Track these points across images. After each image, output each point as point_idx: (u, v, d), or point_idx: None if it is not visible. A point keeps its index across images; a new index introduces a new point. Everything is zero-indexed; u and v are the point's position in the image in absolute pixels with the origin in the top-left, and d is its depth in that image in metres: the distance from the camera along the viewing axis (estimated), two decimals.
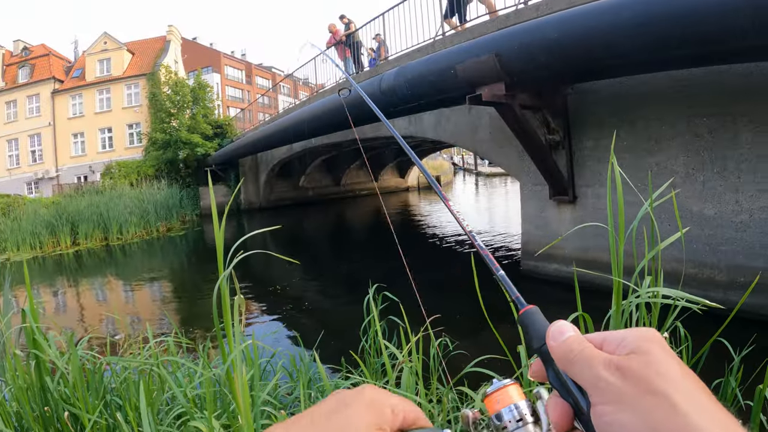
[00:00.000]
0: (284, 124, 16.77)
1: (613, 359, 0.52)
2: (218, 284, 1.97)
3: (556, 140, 9.21)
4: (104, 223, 21.89)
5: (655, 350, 0.51)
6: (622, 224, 2.06)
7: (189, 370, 3.41)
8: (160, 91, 33.25)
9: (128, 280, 13.94)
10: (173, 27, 42.17)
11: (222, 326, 2.11)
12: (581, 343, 0.56)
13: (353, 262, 14.16)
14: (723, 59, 6.73)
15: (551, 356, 0.58)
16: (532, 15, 8.99)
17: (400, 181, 40.45)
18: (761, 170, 7.12)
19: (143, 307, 10.94)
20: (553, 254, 9.65)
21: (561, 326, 0.59)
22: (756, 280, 2.55)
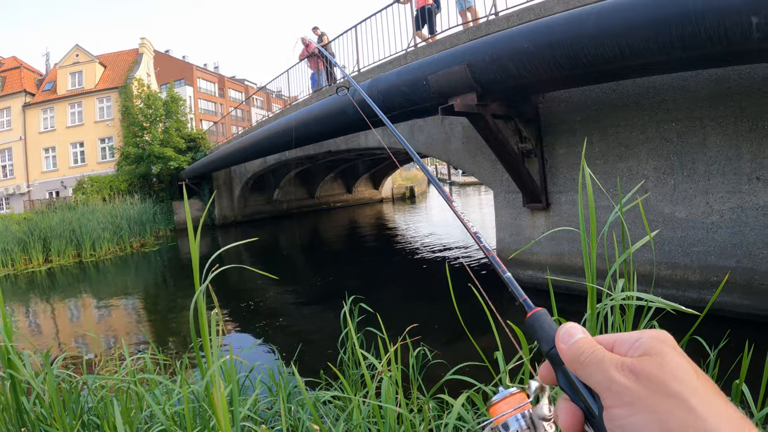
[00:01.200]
0: (258, 136, 16.72)
1: (626, 361, 0.51)
2: (195, 298, 1.97)
3: (528, 148, 9.28)
4: (77, 240, 21.53)
5: (668, 352, 0.51)
6: (593, 228, 2.09)
7: (167, 387, 3.39)
8: (132, 105, 32.85)
9: (103, 297, 13.77)
10: (146, 39, 41.84)
11: (200, 341, 2.10)
12: (592, 345, 0.56)
13: (329, 274, 14.11)
14: (681, 67, 6.91)
15: (561, 359, 0.58)
16: (503, 26, 9.11)
17: (374, 192, 40.49)
18: (730, 172, 7.28)
19: (119, 325, 10.81)
20: (529, 260, 9.72)
21: (571, 328, 0.59)
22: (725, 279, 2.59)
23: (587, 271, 2.10)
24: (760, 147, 7.04)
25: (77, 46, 38.68)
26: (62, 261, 20.65)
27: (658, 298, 2.01)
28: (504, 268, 0.80)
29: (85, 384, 3.55)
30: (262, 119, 26.65)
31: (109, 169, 34.04)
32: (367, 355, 2.80)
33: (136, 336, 9.44)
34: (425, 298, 9.99)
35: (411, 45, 13.01)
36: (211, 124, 47.62)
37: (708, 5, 5.30)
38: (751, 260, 7.17)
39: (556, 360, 0.59)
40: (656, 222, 8.00)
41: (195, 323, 2.03)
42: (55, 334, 10.41)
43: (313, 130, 11.77)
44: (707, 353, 2.86)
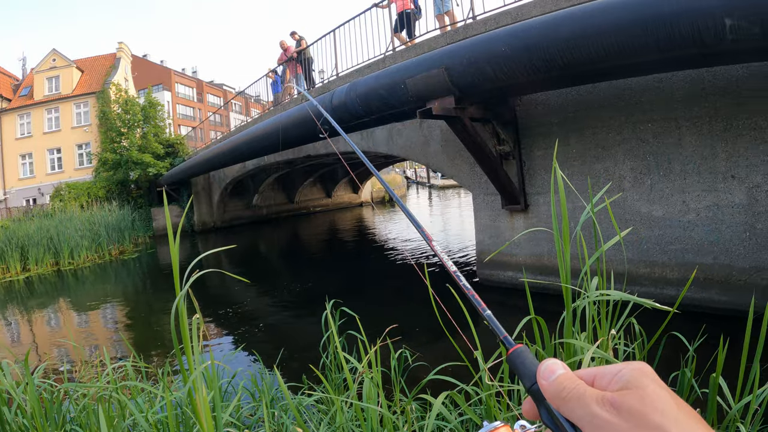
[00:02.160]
0: (236, 141, 16.65)
1: (606, 395, 0.51)
2: (176, 304, 1.98)
3: (506, 151, 9.34)
4: (55, 248, 21.17)
5: (648, 384, 0.51)
6: (566, 228, 2.12)
7: (150, 395, 3.39)
8: (110, 110, 32.49)
9: (82, 305, 13.62)
10: (123, 44, 41.52)
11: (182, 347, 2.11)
12: (573, 380, 0.56)
13: (309, 278, 14.09)
14: (657, 69, 7.02)
15: (543, 395, 0.59)
16: (480, 29, 9.15)
17: (353, 196, 40.47)
18: (705, 171, 7.40)
19: (99, 333, 10.72)
20: (508, 262, 9.78)
21: (551, 365, 0.60)
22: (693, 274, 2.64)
23: (561, 270, 2.13)
24: (734, 146, 7.15)
25: (54, 51, 38.25)
26: (40, 270, 20.37)
27: (628, 294, 2.05)
28: (484, 306, 0.81)
29: (67, 393, 3.53)
30: (241, 124, 26.58)
31: (87, 176, 33.69)
32: (349, 358, 2.81)
33: (117, 344, 9.37)
34: (406, 300, 10.00)
35: (389, 49, 13.03)
36: (190, 129, 47.26)
37: (682, 8, 5.37)
38: (728, 257, 7.29)
39: (538, 396, 0.60)
40: (634, 221, 8.09)
41: (176, 329, 2.03)
42: (35, 344, 10.32)
43: (291, 135, 11.76)
44: (686, 349, 2.91)
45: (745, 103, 7.00)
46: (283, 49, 20.21)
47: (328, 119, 1.68)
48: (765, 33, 4.99)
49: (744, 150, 7.10)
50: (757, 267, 7.09)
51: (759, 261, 7.08)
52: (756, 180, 7.03)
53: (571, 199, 8.06)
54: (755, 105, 6.94)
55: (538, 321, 2.15)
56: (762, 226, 7.04)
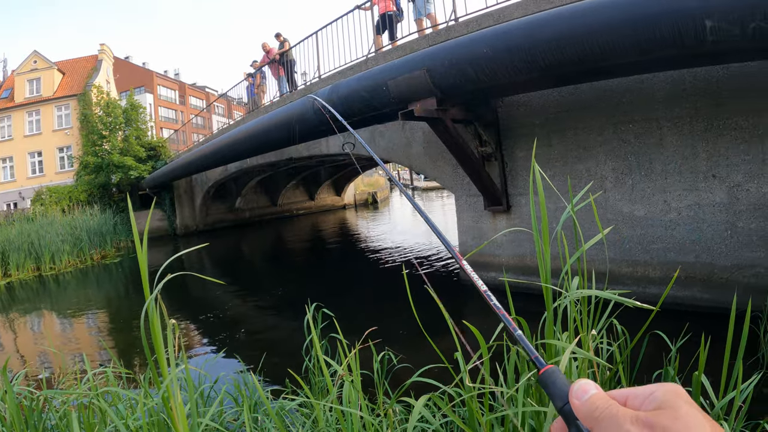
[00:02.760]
0: (219, 144, 16.59)
1: (641, 415, 0.52)
2: (145, 308, 1.95)
3: (488, 152, 9.36)
4: (36, 253, 20.87)
5: (681, 405, 0.51)
6: (546, 228, 2.12)
7: (131, 401, 3.35)
8: (91, 113, 32.09)
9: (63, 311, 13.46)
10: (105, 45, 41.03)
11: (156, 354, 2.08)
12: (606, 400, 0.56)
13: (293, 282, 14.05)
14: (638, 70, 7.10)
15: (574, 415, 0.59)
16: (462, 31, 9.16)
17: (336, 199, 40.40)
18: (686, 171, 7.48)
19: (81, 339, 10.60)
20: (491, 263, 9.80)
21: (584, 384, 0.60)
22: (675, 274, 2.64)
23: (541, 270, 2.12)
24: (715, 146, 7.21)
25: (35, 53, 37.84)
26: (21, 275, 20.07)
27: (609, 293, 2.05)
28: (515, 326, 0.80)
29: (47, 400, 3.49)
30: (224, 126, 26.45)
31: (68, 179, 33.24)
32: (330, 362, 2.79)
33: (98, 350, 9.29)
34: (389, 303, 9.99)
35: (372, 51, 13.04)
36: (172, 132, 47.00)
37: (663, 10, 5.41)
38: (710, 255, 7.36)
39: (569, 416, 0.60)
40: (616, 221, 8.14)
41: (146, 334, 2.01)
42: (15, 351, 10.20)
43: (274, 137, 11.71)
44: (669, 347, 2.91)
45: (725, 103, 7.07)
46: (266, 51, 20.19)
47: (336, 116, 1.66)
48: (744, 34, 5.03)
49: (724, 149, 7.17)
50: (739, 265, 7.16)
51: (740, 259, 7.16)
52: (737, 179, 7.10)
53: (553, 200, 8.10)
54: (735, 105, 7.01)
55: (519, 321, 2.14)
56: (743, 225, 7.10)
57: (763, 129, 6.88)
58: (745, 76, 6.87)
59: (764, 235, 7.00)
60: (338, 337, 3.18)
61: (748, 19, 4.95)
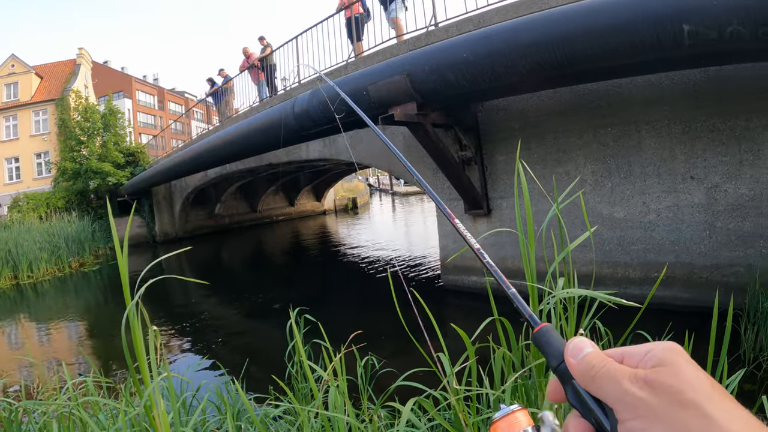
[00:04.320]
0: (198, 149, 16.50)
1: (639, 372, 0.51)
2: (126, 314, 1.94)
3: (468, 156, 9.39)
4: (13, 261, 20.50)
5: (681, 362, 0.51)
6: (531, 229, 2.13)
7: (112, 411, 3.31)
8: (69, 118, 31.68)
9: (42, 320, 13.26)
10: (84, 50, 40.58)
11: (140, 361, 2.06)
12: (603, 358, 0.55)
13: (274, 288, 13.98)
14: (617, 74, 7.14)
15: (570, 374, 0.58)
16: (442, 36, 9.20)
17: (316, 204, 40.25)
18: (665, 173, 7.58)
19: (60, 349, 10.45)
20: (472, 267, 9.83)
21: (579, 342, 0.59)
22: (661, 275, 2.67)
23: (527, 270, 2.14)
24: (693, 148, 7.30)
25: (13, 56, 37.34)
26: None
27: (595, 291, 2.06)
28: (508, 284, 0.79)
29: (26, 411, 3.45)
30: (203, 132, 26.31)
31: (46, 186, 32.69)
32: (315, 367, 2.78)
33: (78, 359, 9.18)
34: (372, 307, 9.98)
35: (351, 56, 13.05)
36: (151, 138, 46.61)
37: (641, 15, 5.46)
38: (689, 255, 7.47)
39: (565, 375, 0.59)
40: (595, 223, 8.22)
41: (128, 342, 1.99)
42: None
43: (253, 142, 11.69)
44: None
45: (702, 105, 7.17)
46: (246, 56, 20.12)
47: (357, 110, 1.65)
48: (722, 38, 5.09)
49: (702, 151, 7.26)
50: (718, 264, 7.26)
51: (719, 259, 7.26)
52: (714, 180, 7.19)
53: (533, 202, 8.13)
54: (713, 108, 7.11)
55: (502, 322, 2.15)
56: (721, 225, 7.20)
57: (740, 131, 6.97)
58: (722, 79, 6.97)
59: (742, 234, 7.09)
60: (321, 342, 3.18)
61: (725, 23, 5.02)
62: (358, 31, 13.48)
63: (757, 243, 7.03)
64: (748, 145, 6.96)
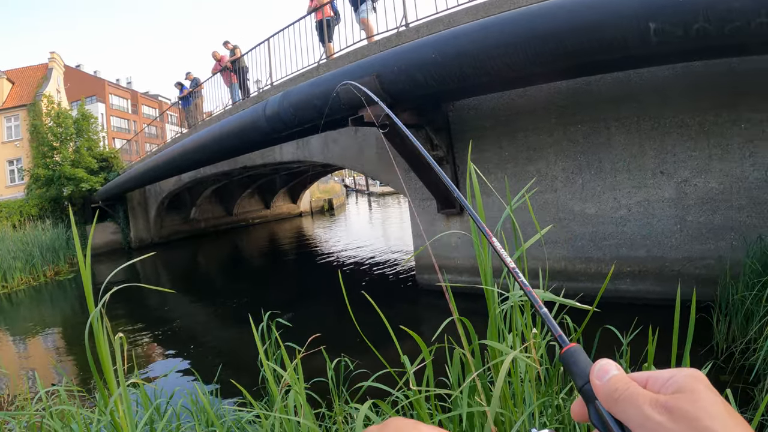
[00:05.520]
0: (171, 153, 16.40)
1: (660, 398, 0.52)
2: (89, 322, 1.92)
3: (439, 156, 9.40)
4: None
5: (701, 389, 0.51)
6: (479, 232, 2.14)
7: (85, 420, 3.27)
8: (41, 123, 30.84)
9: (17, 331, 13.07)
10: (56, 54, 39.83)
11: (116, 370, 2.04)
12: (626, 382, 0.56)
13: (249, 292, 13.90)
14: (585, 72, 7.21)
15: (594, 395, 0.59)
16: (413, 37, 9.21)
17: (292, 206, 40.03)
18: (635, 168, 7.67)
19: (35, 359, 10.30)
20: (446, 266, 9.85)
21: (605, 365, 0.60)
22: (611, 271, 2.69)
23: (482, 272, 2.14)
24: (662, 144, 7.38)
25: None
26: None
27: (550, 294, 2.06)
28: (541, 304, 0.78)
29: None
30: (176, 136, 26.09)
31: (19, 193, 32.03)
32: (278, 369, 2.77)
33: (56, 368, 9.08)
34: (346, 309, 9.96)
35: (323, 57, 13.02)
36: (125, 142, 46.09)
37: (607, 14, 5.51)
38: (661, 249, 7.56)
39: (589, 395, 0.60)
40: (567, 219, 8.29)
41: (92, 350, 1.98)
42: None
43: (228, 145, 11.63)
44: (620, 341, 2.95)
45: (671, 102, 7.27)
46: (216, 59, 20.00)
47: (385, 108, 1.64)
48: (688, 35, 5.14)
49: (672, 147, 7.34)
50: (689, 257, 7.35)
51: (690, 252, 7.36)
52: (684, 175, 7.28)
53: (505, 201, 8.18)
54: (681, 104, 7.20)
55: (463, 322, 2.15)
56: (692, 219, 7.29)
57: (710, 126, 7.07)
58: (691, 75, 7.06)
59: (713, 227, 7.19)
60: (294, 345, 3.17)
61: (691, 21, 5.07)
62: (329, 32, 13.46)
63: (727, 235, 7.13)
64: (717, 140, 7.06)
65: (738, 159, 6.98)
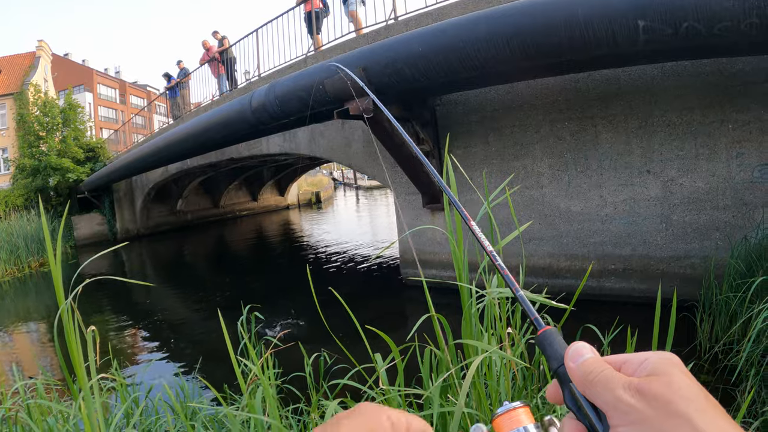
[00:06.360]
0: (158, 144, 16.30)
1: (633, 381, 0.52)
2: (58, 315, 1.87)
3: (426, 150, 9.37)
4: None
5: (675, 372, 0.51)
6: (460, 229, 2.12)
7: (63, 414, 3.22)
8: (28, 113, 30.23)
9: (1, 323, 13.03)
10: (43, 42, 39.53)
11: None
12: (601, 364, 0.56)
13: (233, 285, 13.82)
14: (573, 69, 7.15)
15: (568, 377, 0.59)
16: (401, 30, 9.17)
17: (279, 199, 39.85)
18: (621, 166, 7.68)
19: (18, 351, 10.21)
20: (431, 260, 9.84)
21: (580, 348, 0.60)
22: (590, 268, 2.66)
23: (457, 269, 2.11)
24: (649, 143, 7.39)
25: None
26: None
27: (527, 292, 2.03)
28: (517, 287, 0.78)
29: None
30: (164, 126, 25.89)
31: (4, 183, 31.64)
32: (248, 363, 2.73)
33: (34, 361, 8.96)
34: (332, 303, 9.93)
35: (311, 49, 12.96)
36: (112, 132, 45.77)
37: (597, 10, 5.49)
38: (646, 247, 7.58)
39: (563, 378, 0.60)
40: (553, 216, 8.29)
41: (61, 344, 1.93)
42: None
43: (214, 136, 11.55)
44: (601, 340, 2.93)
45: (659, 101, 7.26)
46: (206, 48, 19.89)
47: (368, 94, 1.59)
48: (677, 33, 5.13)
49: (658, 146, 7.35)
50: (674, 256, 7.37)
51: (675, 251, 7.38)
52: (670, 174, 7.29)
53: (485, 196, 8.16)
54: (668, 103, 7.21)
55: (439, 319, 2.12)
56: (677, 218, 7.30)
57: (697, 125, 7.07)
58: (679, 75, 7.06)
59: (698, 227, 7.20)
60: (272, 338, 3.12)
61: (681, 19, 5.06)
62: (318, 24, 13.40)
63: (712, 235, 7.14)
64: (704, 140, 7.06)
65: (725, 159, 6.99)
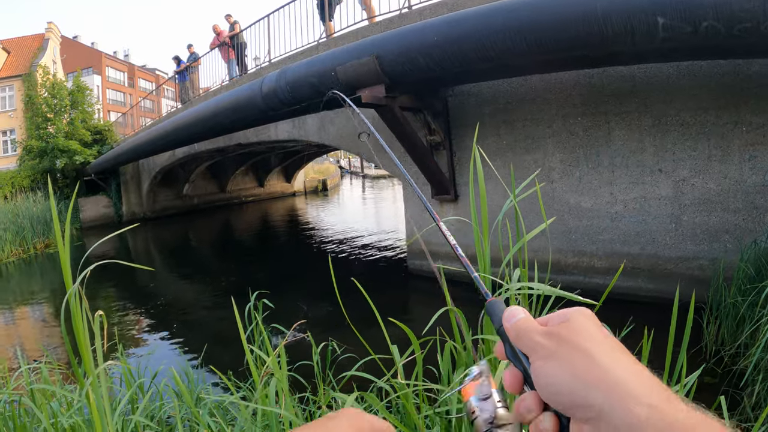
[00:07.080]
0: (166, 127, 16.27)
1: (548, 329, 0.62)
2: (66, 299, 1.83)
3: (437, 141, 9.33)
4: None
5: (581, 319, 0.61)
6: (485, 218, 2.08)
7: (67, 399, 3.19)
8: (36, 94, 30.27)
9: (5, 303, 12.95)
10: (53, 24, 39.36)
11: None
12: (528, 321, 0.66)
13: (240, 271, 13.84)
14: (588, 64, 7.11)
15: (507, 335, 0.68)
16: (415, 19, 9.09)
17: (286, 186, 39.75)
18: (633, 164, 7.62)
19: (22, 334, 10.19)
20: (438, 252, 9.75)
21: (513, 310, 0.69)
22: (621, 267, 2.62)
23: (480, 261, 2.07)
24: (662, 141, 7.33)
25: None
26: None
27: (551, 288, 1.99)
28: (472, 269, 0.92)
29: None
30: (172, 110, 25.82)
31: (11, 164, 31.58)
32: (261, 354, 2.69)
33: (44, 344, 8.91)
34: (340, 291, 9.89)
35: (323, 36, 12.91)
36: (120, 115, 45.71)
37: (617, 5, 5.44)
38: (655, 246, 7.54)
39: (503, 336, 0.69)
40: (562, 212, 8.25)
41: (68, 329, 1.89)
42: None
43: (222, 121, 11.53)
44: None
45: (673, 100, 7.20)
46: (216, 33, 19.82)
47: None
48: (697, 32, 5.08)
49: (671, 145, 7.29)
50: (683, 257, 7.32)
51: (684, 251, 7.33)
52: (682, 174, 7.23)
53: (500, 190, 8.11)
54: (683, 102, 7.15)
55: (456, 312, 2.08)
56: (687, 218, 7.25)
57: (710, 126, 7.01)
58: (695, 75, 7.00)
59: (708, 228, 7.15)
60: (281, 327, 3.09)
61: (701, 18, 5.01)
62: (330, 11, 13.32)
63: (722, 237, 7.08)
64: (718, 141, 7.00)
65: (737, 162, 6.93)
